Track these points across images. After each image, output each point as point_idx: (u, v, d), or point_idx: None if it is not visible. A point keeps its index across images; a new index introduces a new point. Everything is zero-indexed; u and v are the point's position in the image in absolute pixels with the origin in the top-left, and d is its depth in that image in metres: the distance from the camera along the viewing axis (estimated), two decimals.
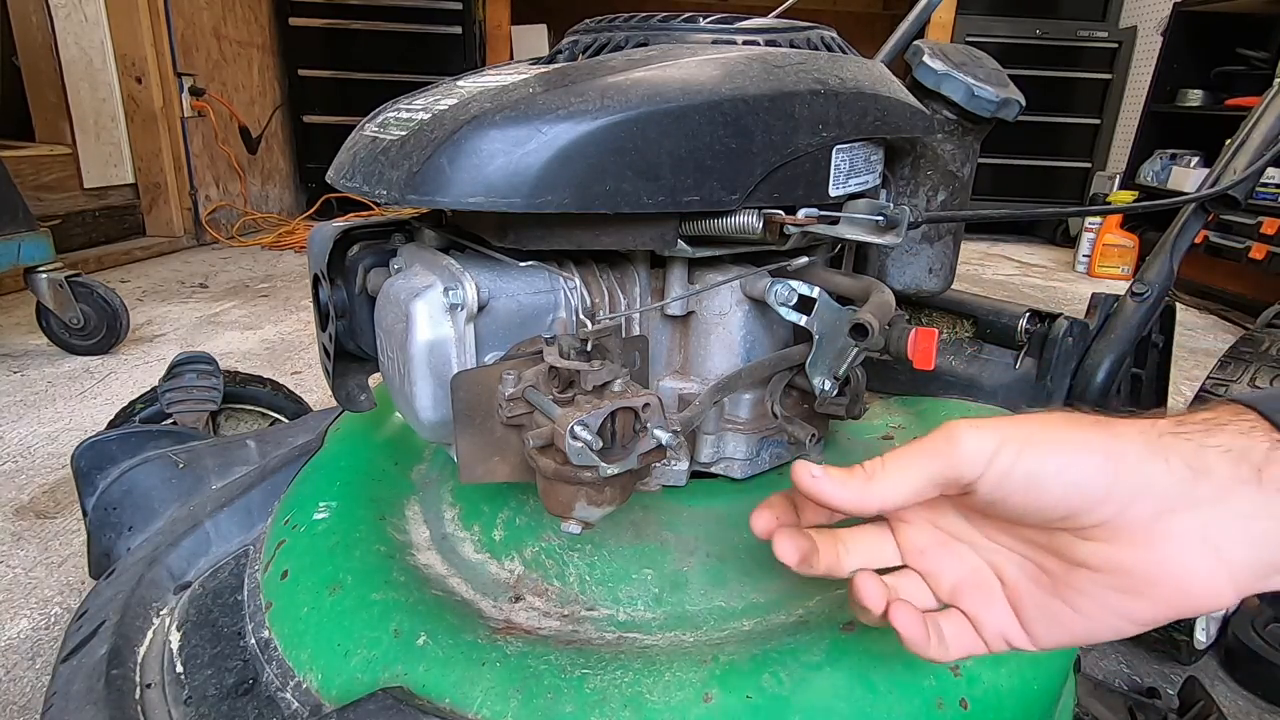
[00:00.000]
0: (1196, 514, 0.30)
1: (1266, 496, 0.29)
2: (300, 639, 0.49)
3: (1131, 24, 3.70)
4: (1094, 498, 0.30)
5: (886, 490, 0.34)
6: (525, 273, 0.47)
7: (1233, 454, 0.30)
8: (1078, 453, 0.31)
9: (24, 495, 1.18)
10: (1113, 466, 0.30)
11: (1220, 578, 0.30)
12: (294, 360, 1.82)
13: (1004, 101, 0.61)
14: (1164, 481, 0.30)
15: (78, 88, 2.76)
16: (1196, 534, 0.30)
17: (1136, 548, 0.30)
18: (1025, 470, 0.31)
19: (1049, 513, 0.32)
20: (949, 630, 0.36)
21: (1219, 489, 0.30)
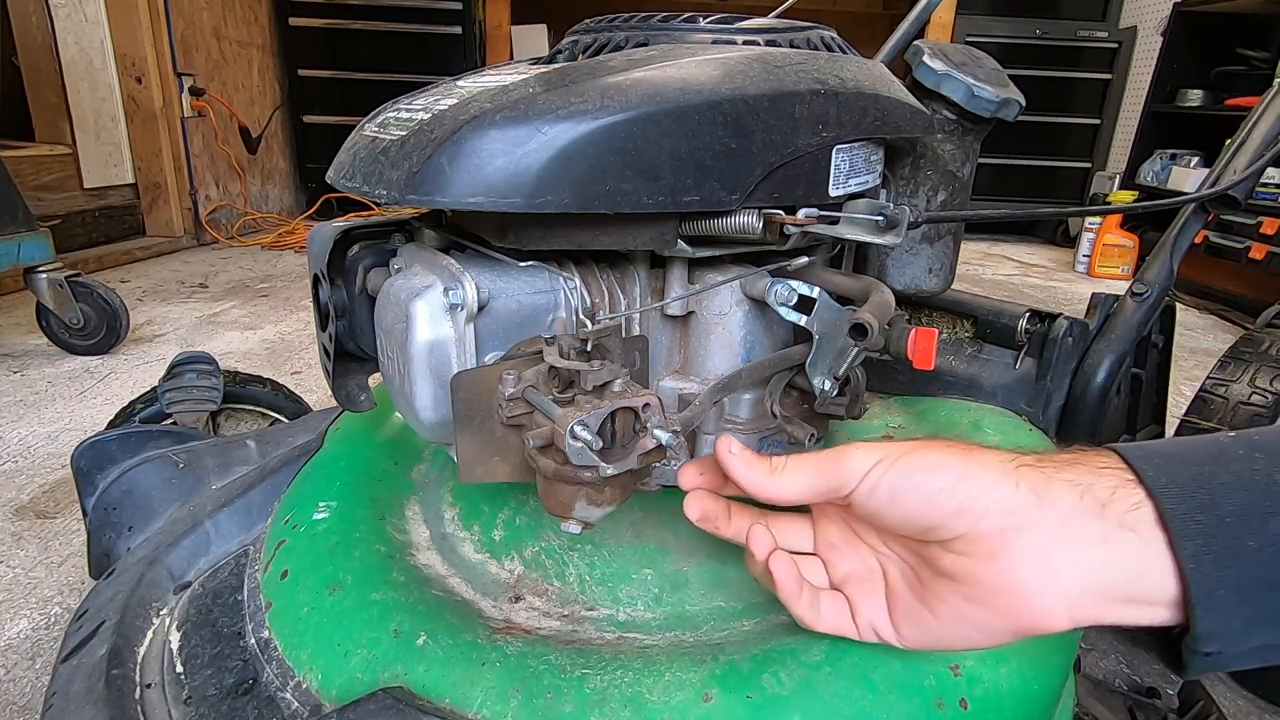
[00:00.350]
0: (1039, 535, 0.32)
1: (1105, 526, 0.32)
2: (300, 639, 0.49)
3: (1131, 24, 3.70)
4: (947, 511, 0.34)
5: (780, 486, 0.38)
6: (525, 273, 0.47)
7: (1080, 487, 0.33)
8: (934, 473, 0.35)
9: (24, 495, 1.18)
10: (965, 486, 0.34)
11: (1054, 598, 0.32)
12: (294, 360, 1.83)
13: (1004, 101, 0.61)
14: (1010, 502, 0.33)
15: (78, 88, 2.76)
16: (1037, 554, 0.33)
17: (984, 559, 0.33)
18: (889, 485, 0.35)
19: (915, 524, 0.35)
20: (826, 605, 0.40)
21: (1062, 516, 0.32)
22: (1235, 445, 0.33)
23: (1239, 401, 0.87)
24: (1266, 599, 0.30)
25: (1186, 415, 0.90)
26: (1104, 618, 0.32)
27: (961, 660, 0.43)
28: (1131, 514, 0.32)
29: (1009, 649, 0.45)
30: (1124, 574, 0.32)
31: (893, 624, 0.39)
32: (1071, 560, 0.32)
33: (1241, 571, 0.30)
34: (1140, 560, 0.31)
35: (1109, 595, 0.32)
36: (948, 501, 0.34)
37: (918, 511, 0.35)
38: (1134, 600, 0.32)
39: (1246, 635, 0.30)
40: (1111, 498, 0.32)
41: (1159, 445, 0.34)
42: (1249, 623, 0.30)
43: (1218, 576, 0.30)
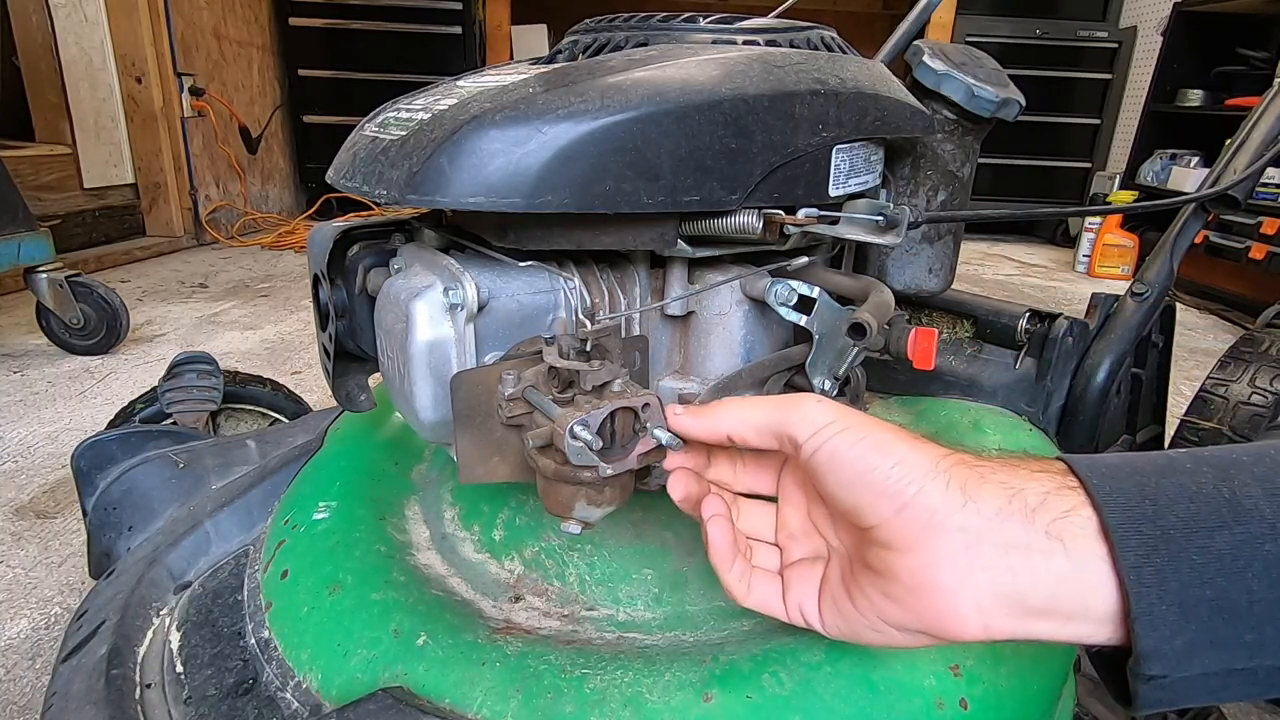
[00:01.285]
0: (959, 537, 0.31)
1: (1029, 535, 0.31)
2: (300, 639, 0.49)
3: (1131, 24, 3.70)
4: (876, 494, 0.33)
5: (729, 419, 0.38)
6: (525, 273, 0.47)
7: (1010, 490, 0.32)
8: (875, 451, 0.34)
9: (24, 495, 1.18)
10: (899, 471, 0.33)
11: (966, 602, 0.31)
12: (294, 360, 1.83)
13: (1004, 101, 0.61)
14: (937, 498, 0.32)
15: (78, 88, 2.76)
16: (954, 555, 0.31)
17: (904, 555, 0.33)
18: (835, 450, 0.34)
19: (845, 499, 0.34)
20: (758, 581, 0.40)
21: (985, 520, 0.31)
22: (1184, 459, 0.31)
23: (1239, 401, 0.87)
24: (1210, 620, 0.28)
25: (1186, 415, 0.90)
26: (1022, 631, 0.31)
27: (961, 660, 0.43)
28: (1061, 521, 0.30)
29: (1009, 649, 0.45)
30: (1044, 585, 0.30)
31: (819, 610, 0.38)
32: (987, 565, 0.31)
33: (1183, 587, 0.28)
34: (1066, 571, 0.30)
35: (1026, 607, 0.31)
36: (878, 483, 0.33)
37: (849, 485, 0.34)
38: (1057, 614, 0.30)
39: (1190, 658, 0.28)
40: (1042, 504, 0.31)
41: (1108, 456, 0.33)
42: (1191, 644, 0.28)
43: (1159, 591, 0.28)
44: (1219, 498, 0.29)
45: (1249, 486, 0.29)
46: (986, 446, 0.61)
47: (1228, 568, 0.28)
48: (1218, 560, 0.28)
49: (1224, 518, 0.29)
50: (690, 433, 0.39)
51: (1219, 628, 0.28)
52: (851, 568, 0.37)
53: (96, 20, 2.76)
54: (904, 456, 0.33)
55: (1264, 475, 0.30)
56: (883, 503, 0.33)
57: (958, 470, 0.33)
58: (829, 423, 0.35)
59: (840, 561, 0.38)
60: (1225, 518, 0.29)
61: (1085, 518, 0.30)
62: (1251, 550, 0.28)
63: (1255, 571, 0.28)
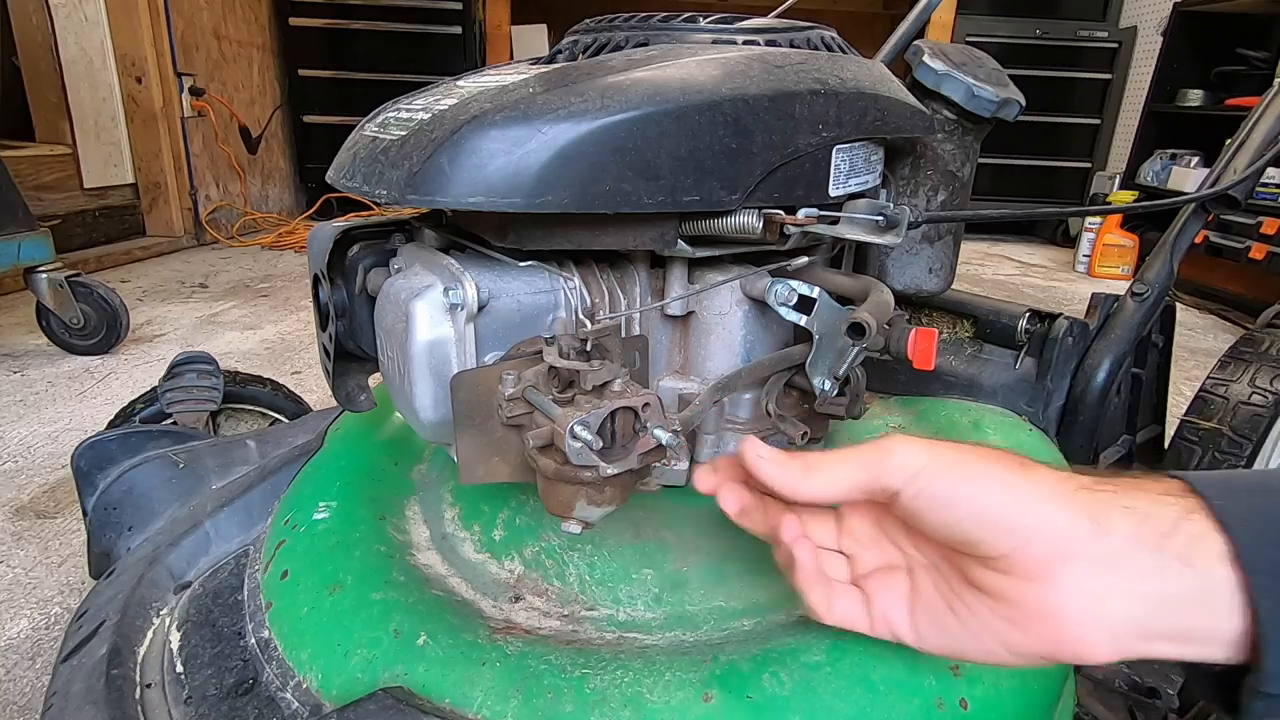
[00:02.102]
0: (1090, 566, 0.31)
1: (1161, 562, 0.30)
2: (300, 639, 0.49)
3: (1131, 24, 3.70)
4: (997, 529, 0.32)
5: (818, 485, 0.37)
6: (525, 273, 0.47)
7: (1138, 515, 0.31)
8: (991, 486, 0.33)
9: (24, 495, 1.18)
10: (1020, 506, 0.32)
11: (1099, 631, 0.31)
12: (294, 360, 1.83)
13: (1004, 101, 0.61)
14: (1064, 528, 0.32)
15: (78, 88, 2.76)
16: (1085, 584, 0.31)
17: (1028, 583, 0.32)
18: (941, 491, 0.33)
19: (957, 535, 0.34)
20: (840, 596, 0.39)
21: (1117, 547, 0.31)
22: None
23: (1239, 401, 0.87)
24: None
25: (1187, 415, 0.90)
26: (1149, 652, 0.31)
27: (962, 660, 0.43)
28: (1192, 546, 0.30)
29: None
30: (1176, 611, 0.30)
31: (912, 623, 0.37)
32: (1122, 593, 0.31)
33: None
34: (1196, 597, 0.30)
35: (1157, 631, 0.31)
36: (998, 519, 0.32)
37: (963, 523, 0.33)
38: (1183, 638, 0.31)
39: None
40: (1174, 528, 0.31)
41: (1229, 474, 0.32)
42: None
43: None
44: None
45: None
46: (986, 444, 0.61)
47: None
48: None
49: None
50: (773, 486, 0.38)
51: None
52: (950, 584, 0.36)
53: (96, 20, 2.76)
54: (1020, 489, 0.33)
55: None
56: (1005, 538, 0.32)
57: (1082, 497, 0.32)
58: (924, 464, 0.34)
59: (932, 577, 0.37)
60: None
61: (1215, 542, 0.30)
62: None
63: None
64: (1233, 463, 0.84)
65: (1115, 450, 0.89)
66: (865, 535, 0.40)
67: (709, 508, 0.54)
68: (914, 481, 0.34)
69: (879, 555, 0.39)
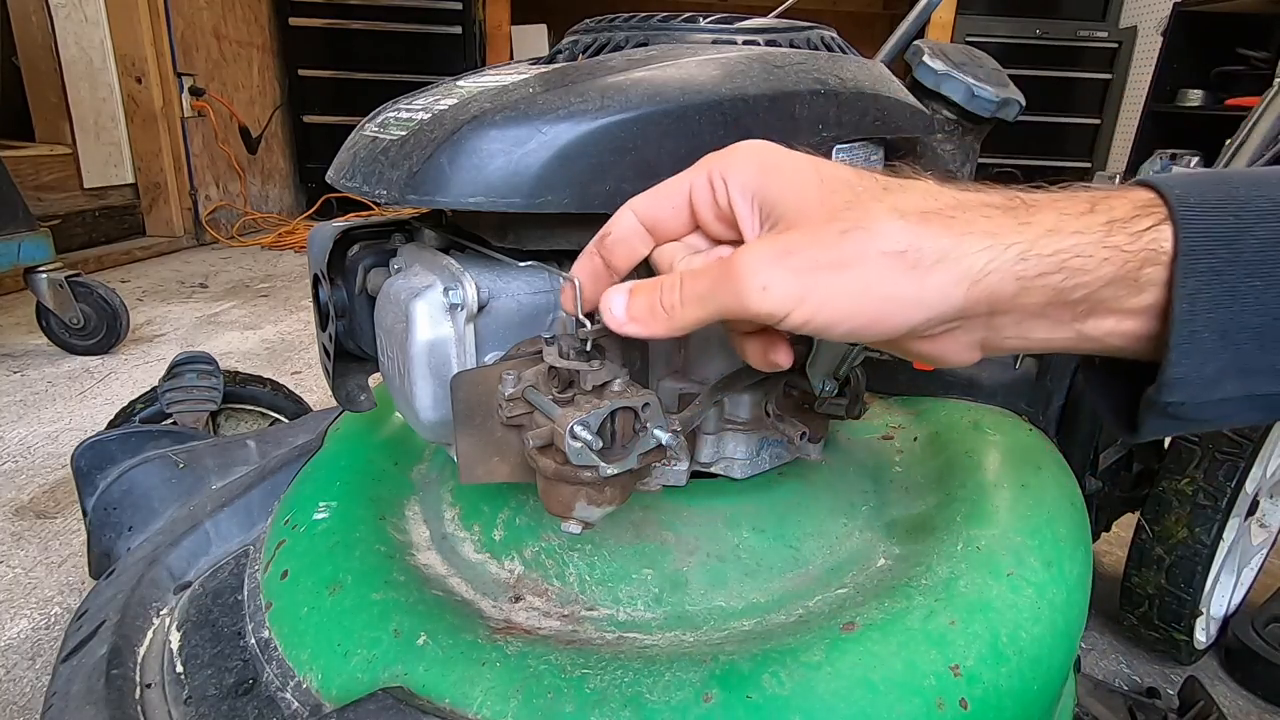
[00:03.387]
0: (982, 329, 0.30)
1: (1054, 326, 0.29)
2: (300, 639, 0.49)
3: (1131, 24, 3.70)
4: (889, 337, 0.30)
5: (670, 327, 0.34)
6: (525, 273, 0.47)
7: (1053, 293, 0.29)
8: (880, 309, 0.29)
9: (24, 495, 1.18)
10: (917, 316, 0.29)
11: (972, 358, 0.31)
12: (294, 360, 1.83)
13: (1004, 101, 0.61)
14: (962, 319, 0.30)
15: (78, 88, 2.76)
16: (974, 340, 0.31)
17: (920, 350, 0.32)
18: (822, 324, 0.30)
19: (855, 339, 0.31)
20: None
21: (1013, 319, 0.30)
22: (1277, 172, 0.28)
23: None
24: (1248, 346, 0.27)
25: None
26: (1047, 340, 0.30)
27: (962, 660, 0.43)
28: (1098, 308, 0.28)
29: (1009, 649, 0.45)
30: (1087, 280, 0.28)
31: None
32: (998, 345, 0.30)
33: (1234, 315, 0.27)
34: (1079, 343, 0.29)
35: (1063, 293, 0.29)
36: (893, 332, 0.30)
37: (856, 338, 0.31)
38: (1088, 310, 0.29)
39: (1215, 385, 0.27)
40: (1086, 298, 0.28)
41: (1207, 172, 0.29)
42: (1223, 371, 0.27)
43: (1206, 320, 0.27)
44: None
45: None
46: (986, 444, 0.61)
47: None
48: (1276, 287, 0.26)
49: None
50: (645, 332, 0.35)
51: (1255, 355, 0.27)
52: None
53: (96, 20, 2.76)
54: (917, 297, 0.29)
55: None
56: (901, 342, 0.31)
57: (993, 282, 0.29)
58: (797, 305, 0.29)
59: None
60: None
61: (1152, 286, 0.28)
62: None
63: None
64: (1233, 463, 0.84)
65: (1115, 450, 0.89)
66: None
67: (709, 508, 0.54)
68: (789, 321, 0.30)
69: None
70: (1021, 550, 0.50)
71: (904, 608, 0.45)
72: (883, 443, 0.66)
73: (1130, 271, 0.28)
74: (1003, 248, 0.28)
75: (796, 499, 0.56)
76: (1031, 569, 0.49)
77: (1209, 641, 0.96)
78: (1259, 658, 0.90)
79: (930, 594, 0.46)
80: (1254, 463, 0.86)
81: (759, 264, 0.30)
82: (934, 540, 0.51)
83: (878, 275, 0.29)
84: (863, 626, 0.44)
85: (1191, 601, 0.86)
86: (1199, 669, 0.94)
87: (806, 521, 0.55)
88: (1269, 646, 0.91)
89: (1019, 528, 0.51)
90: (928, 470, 0.60)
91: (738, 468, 0.55)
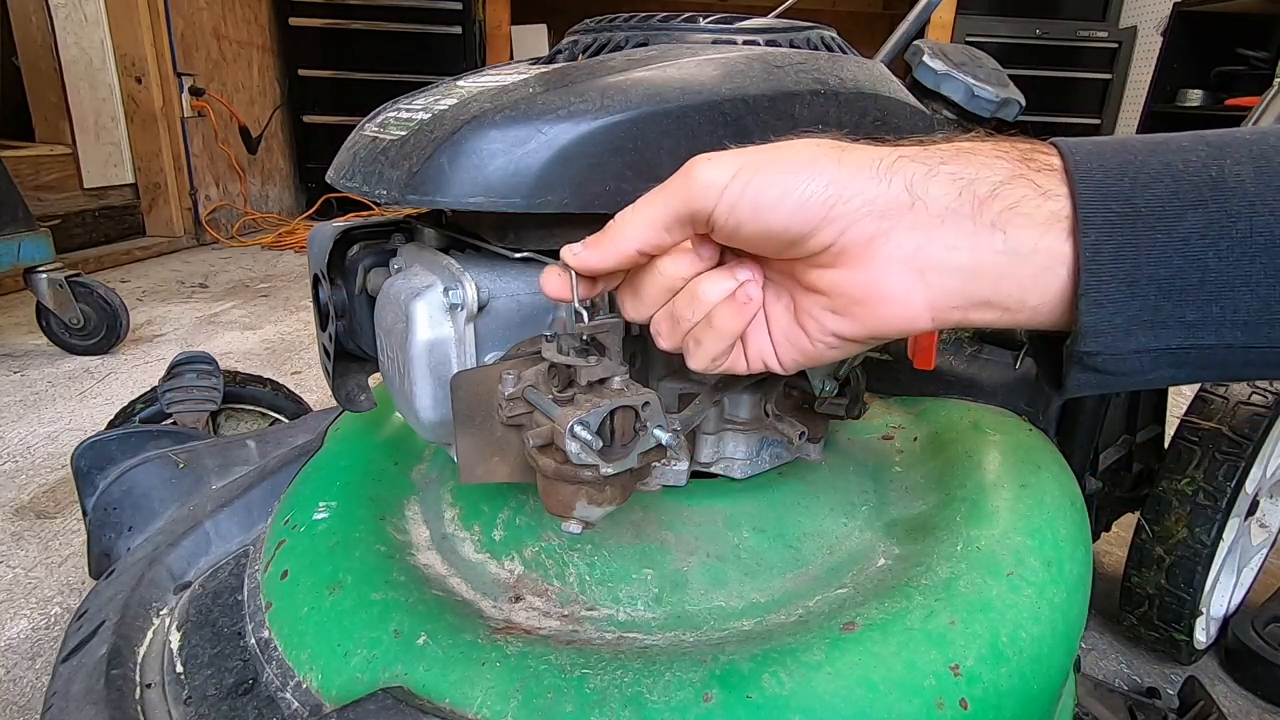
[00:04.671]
0: (908, 238, 0.30)
1: (975, 229, 0.30)
2: (300, 639, 0.49)
3: (1131, 24, 3.70)
4: (814, 220, 0.31)
5: (630, 236, 0.34)
6: (525, 272, 0.47)
7: (961, 182, 0.30)
8: (803, 177, 0.31)
9: (24, 495, 1.18)
10: (835, 191, 0.30)
11: (917, 302, 0.31)
12: (294, 360, 1.83)
13: (1004, 101, 0.61)
14: (882, 203, 0.30)
15: (78, 88, 2.76)
16: (904, 259, 0.30)
17: (852, 269, 0.31)
18: (753, 196, 0.31)
19: (777, 237, 0.32)
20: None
21: (932, 217, 0.30)
22: (1184, 137, 0.30)
23: (1239, 401, 0.88)
24: (1156, 299, 0.28)
25: (1186, 415, 0.90)
26: (971, 321, 0.31)
27: (962, 660, 0.43)
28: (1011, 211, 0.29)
29: (1009, 649, 0.45)
30: (990, 280, 0.30)
31: (774, 349, 0.36)
32: (938, 265, 0.30)
33: (1137, 266, 0.28)
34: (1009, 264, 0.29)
35: (975, 300, 0.31)
36: (817, 209, 0.30)
37: (784, 222, 0.31)
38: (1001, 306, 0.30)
39: (1129, 336, 0.29)
40: (991, 195, 0.29)
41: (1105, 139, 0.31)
42: (1133, 321, 0.28)
43: (1112, 269, 0.28)
44: (1204, 176, 0.28)
45: (1241, 165, 0.28)
46: (986, 444, 0.61)
47: (1191, 247, 0.28)
48: (1182, 240, 0.28)
49: (1203, 195, 0.28)
50: (597, 265, 0.35)
51: (1163, 306, 0.28)
52: (794, 298, 0.35)
53: (96, 20, 2.76)
54: (836, 174, 0.31)
55: (1261, 153, 0.28)
56: (827, 228, 0.31)
57: (902, 167, 0.31)
58: (734, 172, 0.31)
59: (783, 301, 0.36)
60: (1204, 195, 0.28)
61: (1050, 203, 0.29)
62: (1220, 229, 0.27)
63: (1218, 251, 0.27)
64: (1233, 463, 0.84)
65: (1115, 450, 0.89)
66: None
67: (709, 508, 0.55)
68: (726, 195, 0.32)
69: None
70: (1021, 550, 0.50)
71: (904, 608, 0.45)
72: (883, 443, 0.66)
73: (1025, 172, 0.30)
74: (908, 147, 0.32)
75: (796, 499, 0.56)
76: (1031, 569, 0.49)
77: (1209, 641, 0.96)
78: (1259, 658, 0.90)
79: (930, 594, 0.46)
80: (1254, 463, 0.86)
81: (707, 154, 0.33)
82: (934, 540, 0.51)
83: (804, 150, 0.32)
84: (863, 626, 0.44)
85: (1191, 601, 0.86)
86: (1199, 669, 0.94)
87: (806, 521, 0.55)
88: (1269, 646, 0.91)
89: (1019, 528, 0.51)
90: (928, 470, 0.60)
91: (738, 468, 0.55)
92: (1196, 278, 0.28)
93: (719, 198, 0.32)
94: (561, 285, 0.37)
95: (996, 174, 0.30)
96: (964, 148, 0.31)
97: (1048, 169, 0.30)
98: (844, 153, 0.31)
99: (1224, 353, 0.29)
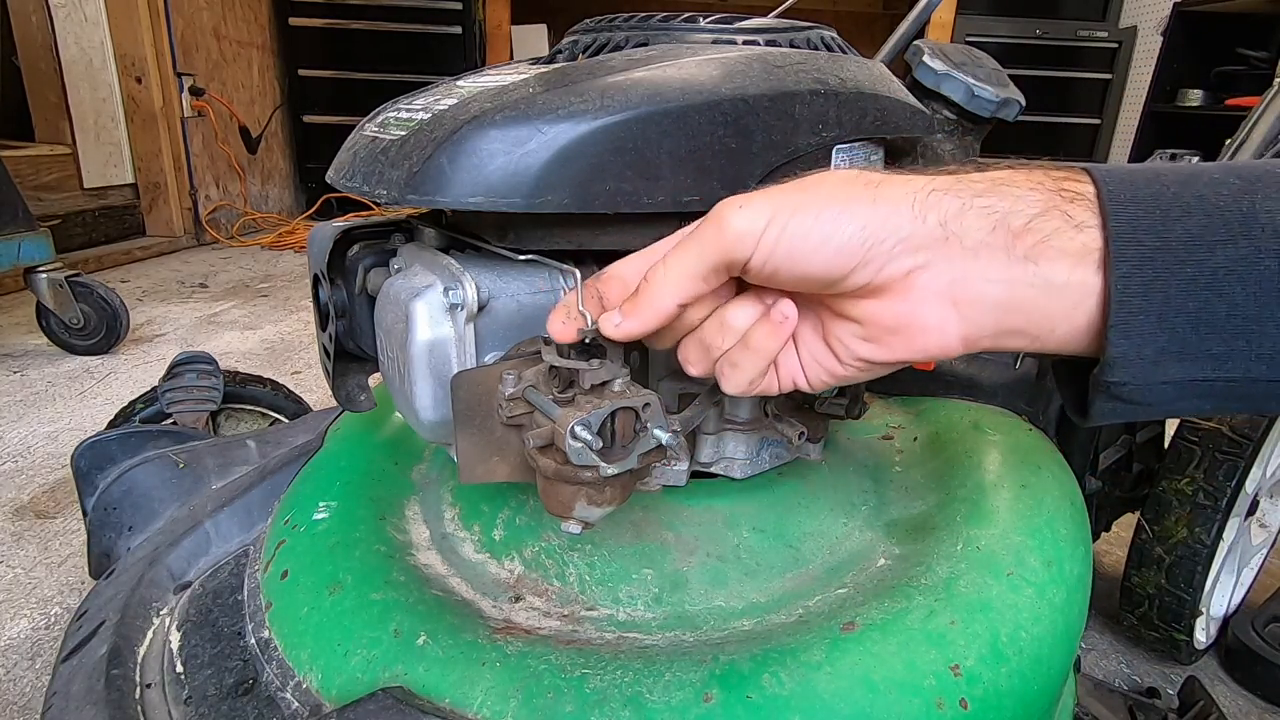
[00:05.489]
0: (945, 269, 0.31)
1: (1009, 262, 0.30)
2: (300, 639, 0.49)
3: (1131, 24, 3.70)
4: (852, 263, 0.31)
5: (663, 290, 0.34)
6: (525, 272, 0.47)
7: (995, 216, 0.30)
8: (840, 222, 0.31)
9: (24, 495, 1.18)
10: (871, 232, 0.31)
11: (951, 333, 0.32)
12: (294, 360, 1.83)
13: (1004, 101, 0.61)
14: (917, 239, 0.31)
15: (78, 88, 2.76)
16: (941, 289, 0.31)
17: (888, 300, 0.32)
18: (789, 244, 0.31)
19: (813, 281, 0.32)
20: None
21: (968, 250, 0.31)
22: (1215, 169, 0.30)
23: None
24: (1184, 331, 0.28)
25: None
26: (1002, 346, 0.32)
27: (962, 660, 0.43)
28: (1042, 245, 0.30)
29: (1009, 649, 0.45)
30: (1023, 311, 0.31)
31: (804, 371, 0.37)
32: (972, 299, 0.31)
33: (1168, 299, 0.28)
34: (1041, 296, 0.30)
35: (1007, 330, 0.31)
36: (855, 252, 0.31)
37: (823, 268, 0.32)
38: (1033, 335, 0.31)
39: (1156, 367, 0.29)
40: (1028, 227, 0.30)
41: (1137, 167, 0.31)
42: (1162, 352, 0.29)
43: (1142, 301, 0.28)
44: (1235, 210, 0.28)
45: (1272, 200, 0.28)
46: (986, 444, 0.61)
47: (1219, 282, 0.28)
48: (1211, 274, 0.28)
49: (1233, 231, 0.28)
50: (640, 332, 0.36)
51: (1190, 339, 0.29)
52: (822, 321, 0.36)
53: (96, 20, 2.76)
54: (870, 215, 0.31)
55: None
56: (863, 270, 0.31)
57: (936, 201, 0.31)
58: (768, 221, 0.32)
59: (813, 325, 0.36)
60: (1235, 231, 0.28)
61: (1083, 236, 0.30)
62: (1249, 265, 0.28)
63: (1245, 286, 0.28)
64: (1233, 463, 0.84)
65: (1115, 450, 0.89)
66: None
67: (709, 508, 0.54)
68: (762, 243, 0.32)
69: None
70: (1021, 550, 0.50)
71: (904, 608, 0.45)
72: (883, 443, 0.66)
73: (1059, 204, 0.30)
74: (941, 179, 0.32)
75: (796, 499, 0.56)
76: (1031, 569, 0.49)
77: (1209, 641, 0.96)
78: (1259, 658, 0.90)
79: (930, 594, 0.46)
80: (1254, 463, 0.86)
81: (736, 197, 0.33)
82: (934, 540, 0.51)
83: (837, 189, 0.32)
84: (863, 626, 0.44)
85: (1191, 601, 0.86)
86: (1199, 669, 0.94)
87: (806, 521, 0.55)
88: (1269, 646, 0.91)
89: (1019, 528, 0.51)
90: (928, 470, 0.60)
91: (737, 468, 0.55)
92: (1224, 311, 0.28)
93: (754, 247, 0.32)
94: (568, 331, 0.38)
95: (1031, 207, 0.30)
96: (998, 178, 0.32)
97: (1079, 198, 0.30)
98: (877, 189, 0.31)
99: (1249, 386, 0.29)
